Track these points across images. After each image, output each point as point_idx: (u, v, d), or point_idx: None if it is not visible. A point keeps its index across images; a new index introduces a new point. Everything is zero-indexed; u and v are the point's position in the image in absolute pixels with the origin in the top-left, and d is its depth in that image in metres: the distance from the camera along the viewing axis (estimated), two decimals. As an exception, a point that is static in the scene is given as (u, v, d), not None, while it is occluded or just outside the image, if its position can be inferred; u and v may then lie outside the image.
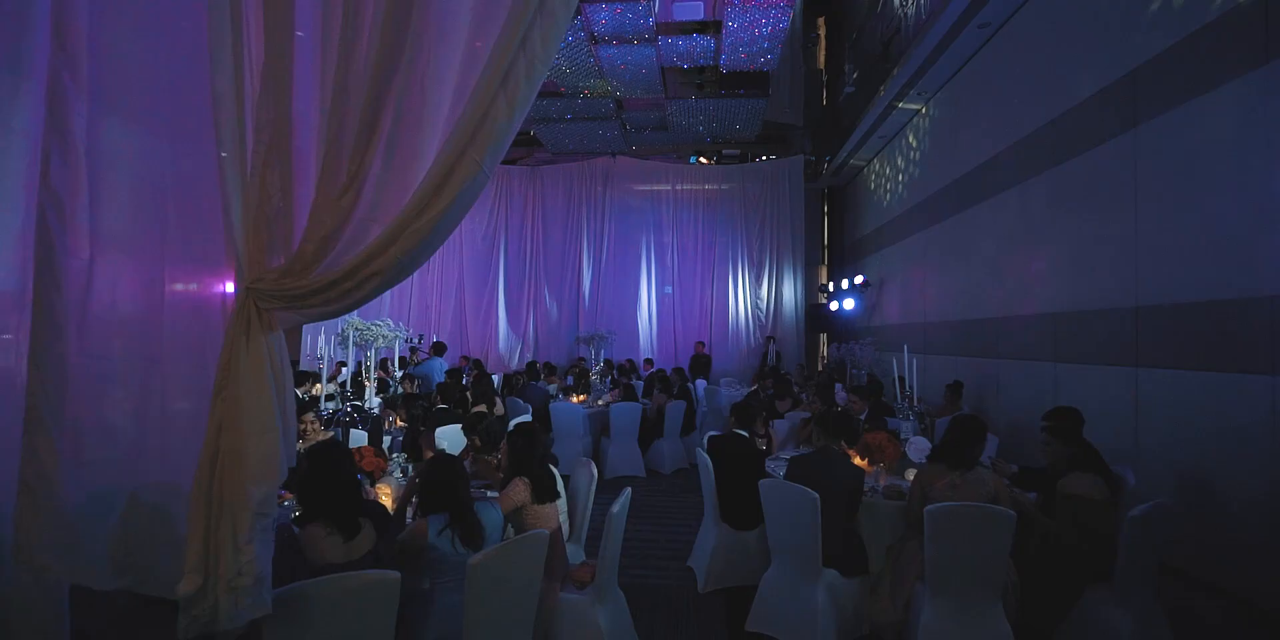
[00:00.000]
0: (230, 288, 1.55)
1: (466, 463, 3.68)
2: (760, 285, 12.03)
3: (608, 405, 7.28)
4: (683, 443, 7.27)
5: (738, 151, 12.34)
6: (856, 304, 10.44)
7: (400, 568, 2.25)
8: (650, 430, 7.07)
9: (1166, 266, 4.06)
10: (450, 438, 4.36)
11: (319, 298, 1.42)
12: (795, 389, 7.17)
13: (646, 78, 8.61)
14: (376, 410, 5.36)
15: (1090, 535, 2.80)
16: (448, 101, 1.47)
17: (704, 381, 10.28)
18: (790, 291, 11.93)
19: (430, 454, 3.87)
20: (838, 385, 6.93)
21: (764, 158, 12.50)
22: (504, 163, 12.72)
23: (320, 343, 8.64)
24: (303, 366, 9.08)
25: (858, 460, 3.63)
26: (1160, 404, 4.09)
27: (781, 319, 11.92)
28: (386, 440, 4.59)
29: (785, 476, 3.23)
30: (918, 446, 3.60)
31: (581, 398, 7.67)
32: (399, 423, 4.00)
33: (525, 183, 12.64)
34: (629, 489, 2.94)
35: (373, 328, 5.56)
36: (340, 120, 1.40)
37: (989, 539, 2.65)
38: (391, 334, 5.74)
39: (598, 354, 8.34)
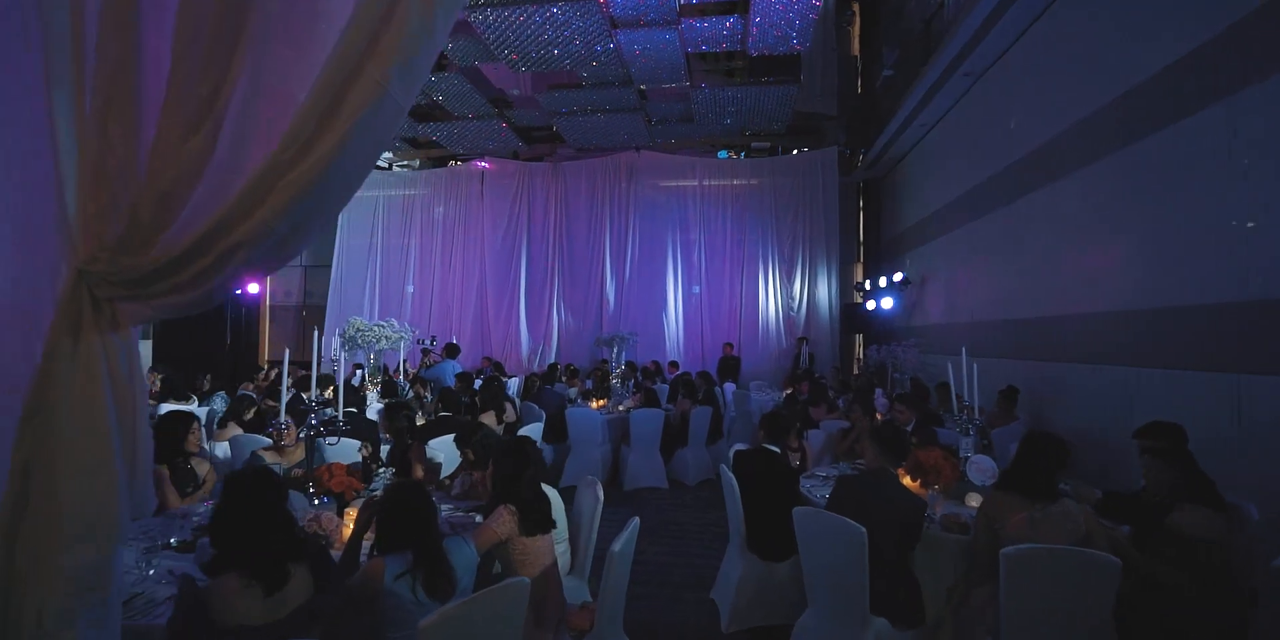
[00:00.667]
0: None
1: (458, 481, 3.26)
2: (792, 284, 11.44)
3: (628, 411, 6.84)
4: (709, 452, 6.78)
5: (767, 144, 11.78)
6: (895, 303, 9.81)
7: (350, 618, 1.84)
8: (674, 438, 6.60)
9: (1280, 254, 3.43)
10: (447, 450, 3.96)
11: (166, 282, 1.01)
12: (831, 394, 6.62)
13: (669, 64, 8.15)
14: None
15: (1215, 586, 2.24)
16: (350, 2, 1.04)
17: (733, 385, 9.77)
18: (824, 290, 11.33)
19: (420, 470, 3.48)
20: (877, 391, 6.36)
21: (795, 151, 11.91)
22: (526, 159, 12.41)
23: (335, 344, 8.38)
24: (324, 369, 8.85)
25: (906, 481, 3.11)
26: (1272, 418, 3.46)
27: (815, 319, 11.33)
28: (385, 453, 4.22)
29: (829, 502, 2.73)
30: (980, 466, 3.06)
31: (601, 403, 7.25)
32: (387, 433, 3.62)
33: (547, 179, 12.27)
34: (636, 520, 2.48)
35: (375, 328, 5.22)
36: (190, 31, 0.99)
37: (1084, 591, 2.12)
38: (396, 335, 5.40)
39: (619, 356, 7.91)
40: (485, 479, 2.67)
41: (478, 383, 6.70)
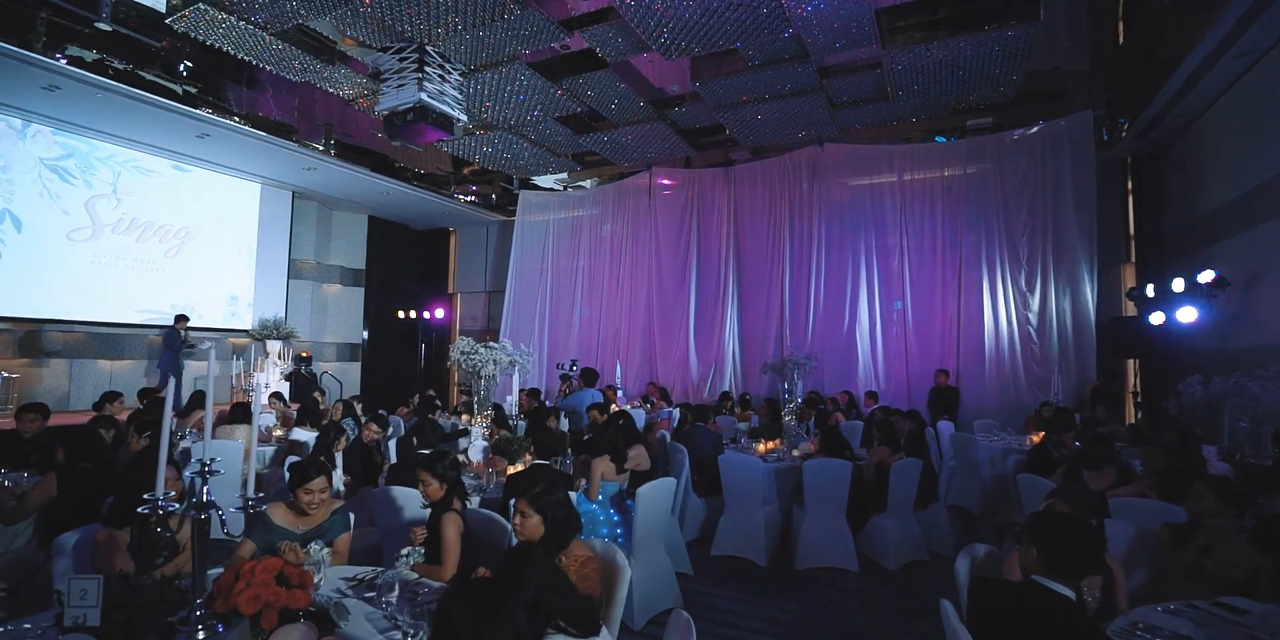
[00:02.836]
0: None
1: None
2: (1030, 293, 8.84)
3: (803, 459, 5.27)
4: (918, 520, 4.92)
5: (988, 121, 9.38)
6: (1201, 314, 6.91)
7: None
8: (867, 499, 4.86)
9: None
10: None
11: None
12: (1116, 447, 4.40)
13: (852, 22, 6.56)
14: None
15: None
16: None
17: (949, 424, 7.58)
18: (1077, 300, 8.57)
19: (453, 559, 2.39)
20: (1206, 449, 4.06)
21: (1028, 125, 9.31)
22: (702, 166, 11.39)
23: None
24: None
25: None
26: None
27: (1065, 339, 8.59)
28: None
29: None
30: None
31: (770, 445, 5.74)
32: (430, 490, 2.53)
33: (718, 187, 11.13)
34: None
35: (482, 350, 4.39)
36: None
37: None
38: (507, 359, 4.52)
39: (794, 386, 6.35)
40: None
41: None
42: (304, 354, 11.32)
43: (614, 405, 8.59)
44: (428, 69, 7.06)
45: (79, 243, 9.26)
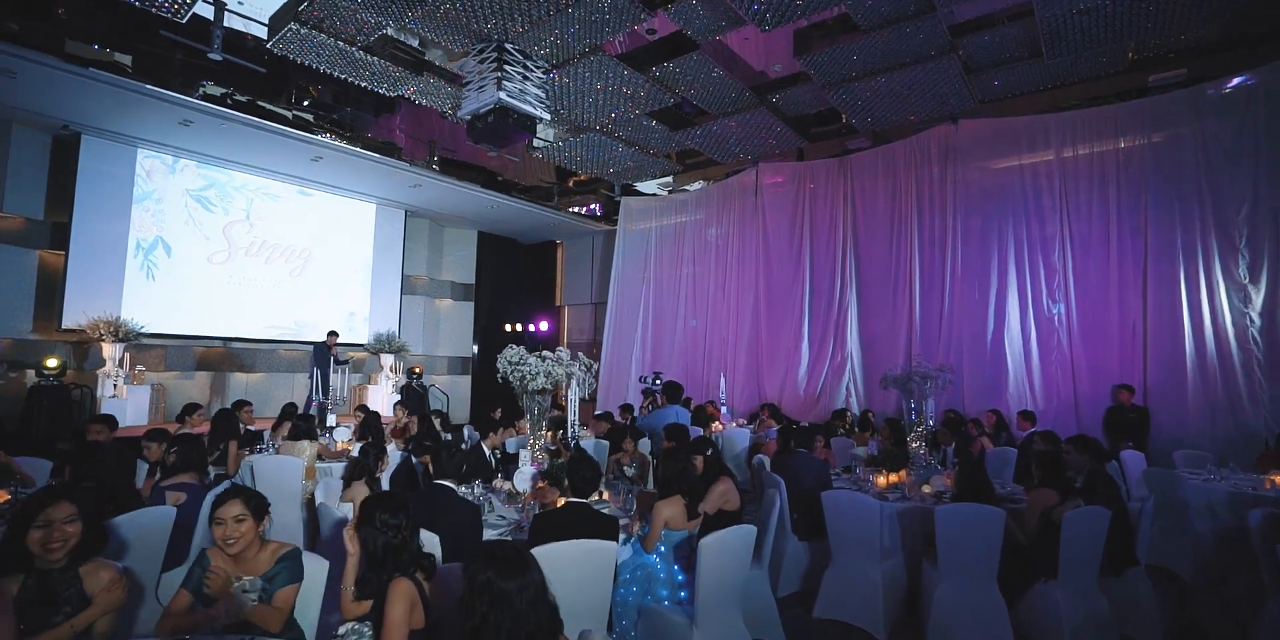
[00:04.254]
0: None
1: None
2: (1255, 287, 6.87)
3: (939, 499, 4.15)
4: (1106, 591, 3.61)
5: (1182, 73, 7.50)
6: None
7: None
8: (1027, 559, 3.65)
9: None
10: (560, 562, 2.13)
11: None
12: None
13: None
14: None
15: None
16: None
17: (1136, 454, 5.95)
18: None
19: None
20: None
21: (1235, 78, 7.32)
22: (813, 159, 10.31)
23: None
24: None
25: None
26: None
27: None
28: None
29: None
30: None
31: (893, 478, 4.62)
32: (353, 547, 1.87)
33: (832, 180, 10.00)
34: None
35: (532, 361, 3.77)
36: None
37: None
38: (563, 371, 3.88)
39: (923, 403, 5.12)
40: None
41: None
42: (416, 369, 11.51)
43: (716, 424, 7.75)
44: (507, 68, 6.75)
45: (217, 265, 10.00)
